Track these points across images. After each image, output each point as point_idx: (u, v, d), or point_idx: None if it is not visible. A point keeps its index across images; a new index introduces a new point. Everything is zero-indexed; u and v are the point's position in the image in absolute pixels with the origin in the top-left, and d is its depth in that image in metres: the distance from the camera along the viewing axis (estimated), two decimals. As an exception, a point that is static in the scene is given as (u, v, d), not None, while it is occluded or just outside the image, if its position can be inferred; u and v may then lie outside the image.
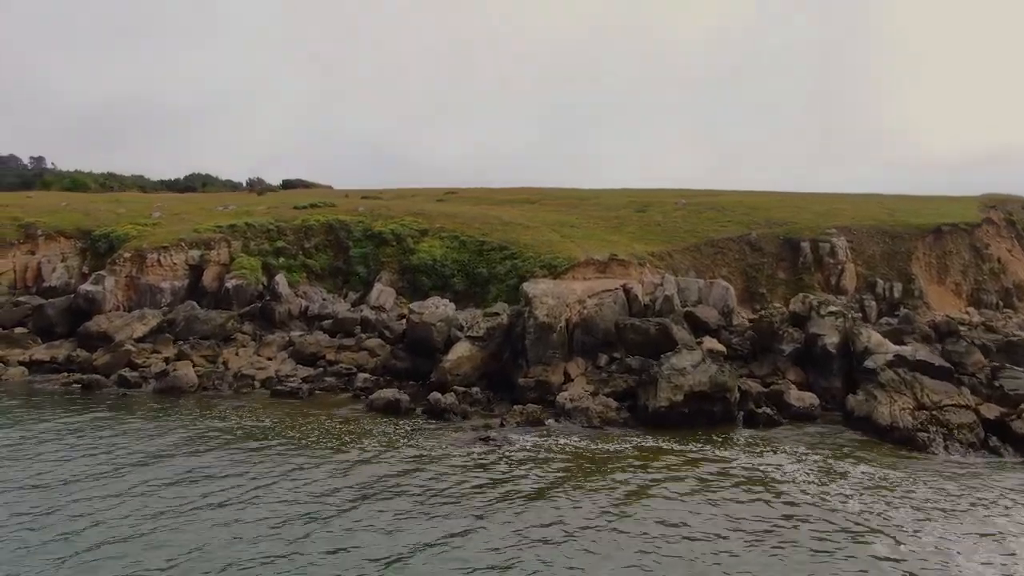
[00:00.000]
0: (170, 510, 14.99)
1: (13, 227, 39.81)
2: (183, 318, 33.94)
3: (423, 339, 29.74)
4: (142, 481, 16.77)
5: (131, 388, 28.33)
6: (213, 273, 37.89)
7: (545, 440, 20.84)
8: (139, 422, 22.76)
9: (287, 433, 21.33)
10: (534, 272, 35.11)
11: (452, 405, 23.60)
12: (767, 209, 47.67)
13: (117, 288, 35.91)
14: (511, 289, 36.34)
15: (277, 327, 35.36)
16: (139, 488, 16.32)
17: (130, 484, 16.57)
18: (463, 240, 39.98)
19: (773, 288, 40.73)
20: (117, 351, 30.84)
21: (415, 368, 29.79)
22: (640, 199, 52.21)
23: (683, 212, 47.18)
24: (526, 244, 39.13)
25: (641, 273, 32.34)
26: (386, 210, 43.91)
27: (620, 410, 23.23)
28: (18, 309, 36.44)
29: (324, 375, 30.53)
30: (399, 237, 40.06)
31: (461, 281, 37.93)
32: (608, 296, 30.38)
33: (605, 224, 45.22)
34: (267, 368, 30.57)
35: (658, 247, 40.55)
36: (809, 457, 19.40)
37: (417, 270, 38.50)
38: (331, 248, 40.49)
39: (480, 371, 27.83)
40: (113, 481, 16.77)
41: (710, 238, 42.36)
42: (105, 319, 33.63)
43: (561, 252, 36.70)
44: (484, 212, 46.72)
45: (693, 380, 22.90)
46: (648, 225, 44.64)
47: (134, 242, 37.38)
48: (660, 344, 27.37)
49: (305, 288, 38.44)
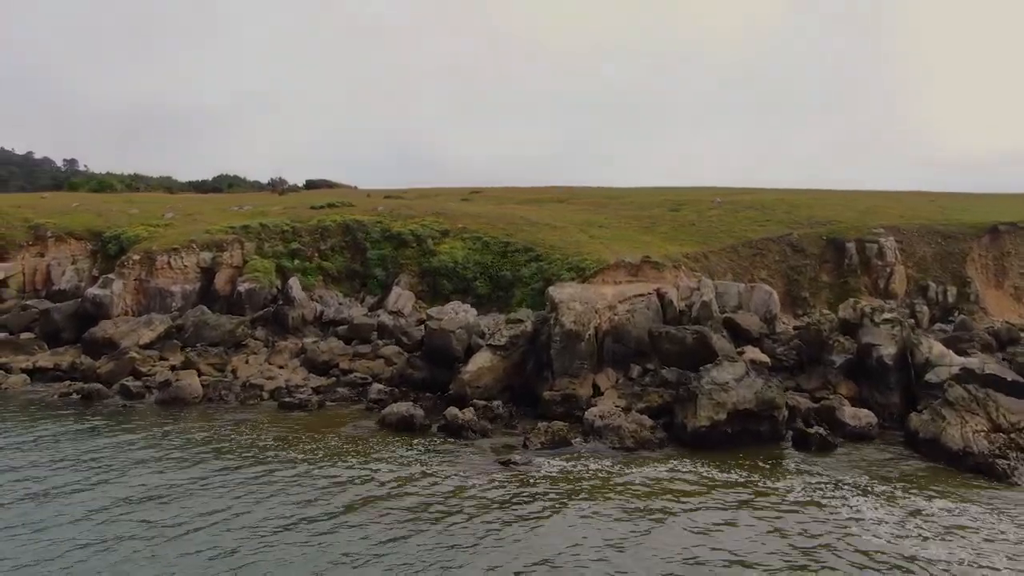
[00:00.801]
0: (129, 538, 13.42)
1: (23, 228, 38.55)
2: (192, 324, 32.35)
3: (442, 348, 27.77)
4: (101, 506, 15.17)
5: (133, 399, 26.74)
6: (225, 276, 36.30)
7: (573, 465, 18.71)
8: (124, 436, 21.01)
9: (285, 454, 19.35)
10: (561, 275, 33.00)
11: (470, 422, 21.56)
12: (808, 207, 45.06)
13: (125, 292, 34.45)
14: (536, 293, 34.26)
15: (290, 333, 33.65)
16: (97, 513, 14.73)
17: (87, 507, 15.05)
18: (486, 241, 37.98)
19: (816, 292, 38.17)
20: (121, 359, 29.28)
21: (433, 378, 27.85)
22: (673, 198, 49.82)
23: (719, 211, 44.72)
24: (552, 245, 37.04)
25: (676, 276, 30.04)
26: (406, 210, 42.03)
27: (655, 429, 20.99)
28: (25, 313, 35.13)
29: (337, 385, 28.74)
30: (419, 238, 38.14)
31: (484, 284, 35.93)
32: (640, 301, 28.17)
33: (636, 224, 42.95)
34: (277, 378, 28.82)
35: (693, 248, 38.20)
36: (874, 488, 17.03)
37: (438, 273, 36.56)
38: (348, 250, 38.69)
39: (502, 383, 25.77)
40: (66, 503, 15.29)
41: (748, 238, 39.90)
42: (111, 325, 32.13)
43: (590, 254, 34.53)
44: (509, 212, 44.69)
45: (737, 396, 20.61)
46: (682, 225, 42.28)
47: (144, 244, 35.91)
48: (698, 354, 25.13)
49: (320, 292, 36.71)
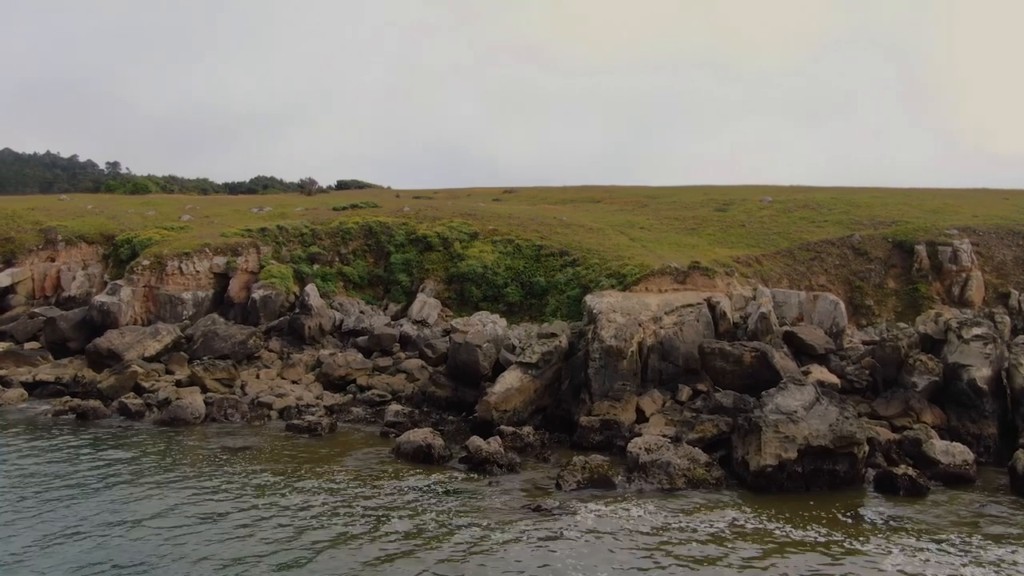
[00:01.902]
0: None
1: (34, 232, 36.82)
2: (201, 334, 30.13)
3: (467, 364, 25.06)
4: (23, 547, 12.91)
5: (132, 417, 24.57)
6: (240, 282, 34.07)
7: (614, 511, 15.81)
8: (99, 463, 18.68)
9: (276, 496, 16.56)
10: (599, 282, 30.04)
11: (495, 455, 18.75)
12: (869, 207, 41.32)
13: (134, 299, 32.39)
14: (572, 301, 31.38)
15: (307, 344, 31.25)
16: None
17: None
18: (518, 244, 35.18)
19: (882, 300, 34.54)
20: (123, 373, 27.16)
21: (457, 397, 25.21)
22: (719, 196, 46.42)
23: (770, 211, 41.27)
24: (589, 249, 34.08)
25: (728, 284, 26.92)
26: (433, 211, 39.41)
27: (711, 466, 17.95)
28: (32, 321, 33.38)
29: (352, 403, 26.30)
30: (446, 241, 35.49)
31: (515, 291, 33.14)
32: (690, 313, 25.14)
33: (680, 225, 39.75)
34: (288, 395, 26.41)
35: (744, 251, 34.89)
36: (988, 552, 13.82)
37: (465, 278, 33.86)
38: (370, 253, 36.20)
39: (533, 405, 22.98)
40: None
41: (804, 241, 36.40)
42: (117, 335, 30.03)
43: (630, 258, 31.49)
44: (542, 212, 41.84)
45: (809, 429, 17.48)
46: (731, 226, 38.94)
47: (154, 248, 33.83)
48: (757, 375, 22.07)
49: (341, 299, 34.28)
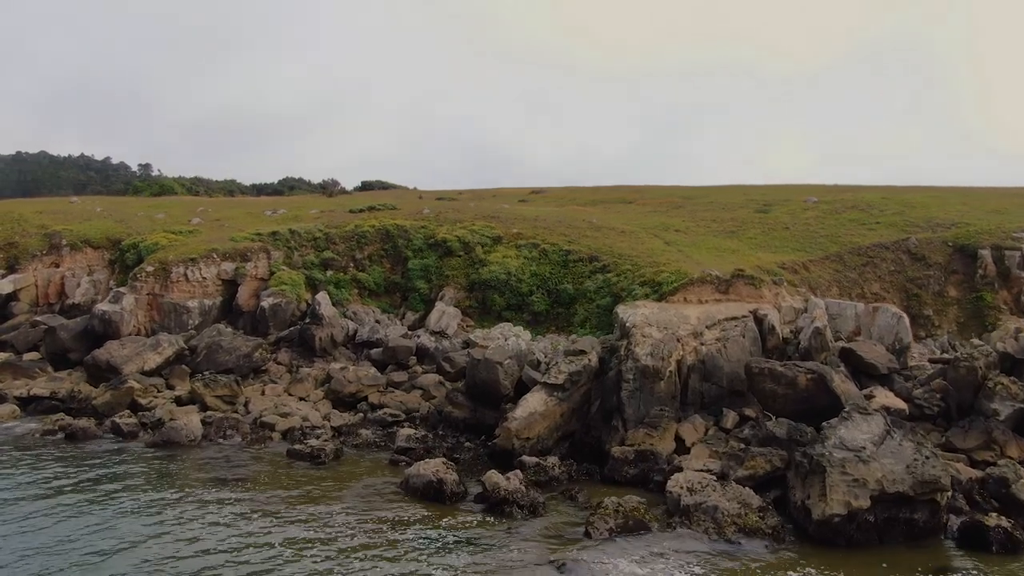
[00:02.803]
0: None
1: (38, 236, 35.29)
2: (205, 346, 28.22)
3: (486, 383, 22.75)
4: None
5: (125, 438, 22.72)
6: (250, 289, 32.15)
7: (652, 570, 13.40)
8: (69, 491, 16.70)
9: (259, 542, 14.42)
10: (632, 291, 27.58)
11: (516, 494, 16.41)
12: (924, 207, 38.27)
13: (137, 308, 30.62)
14: (602, 311, 28.96)
15: (317, 356, 29.21)
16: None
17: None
18: (544, 249, 32.81)
19: (942, 310, 31.59)
20: (119, 389, 25.31)
21: (476, 419, 22.95)
22: (759, 197, 43.60)
23: (816, 212, 38.41)
24: (621, 254, 31.61)
25: (776, 295, 24.30)
26: (454, 213, 37.18)
27: (766, 512, 15.43)
28: (34, 331, 31.75)
29: (363, 424, 24.16)
30: (467, 246, 33.23)
31: (541, 300, 30.78)
32: (734, 327, 22.59)
33: (719, 228, 37.07)
34: (293, 414, 24.32)
35: (788, 256, 32.17)
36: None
37: (487, 286, 31.57)
38: (387, 259, 34.07)
39: (559, 432, 20.61)
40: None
41: (855, 245, 33.55)
42: (117, 346, 28.23)
43: (666, 264, 28.97)
44: (571, 214, 39.43)
45: (882, 471, 14.88)
46: (773, 229, 36.18)
47: (159, 254, 32.05)
48: (814, 400, 19.46)
49: (355, 307, 32.19)
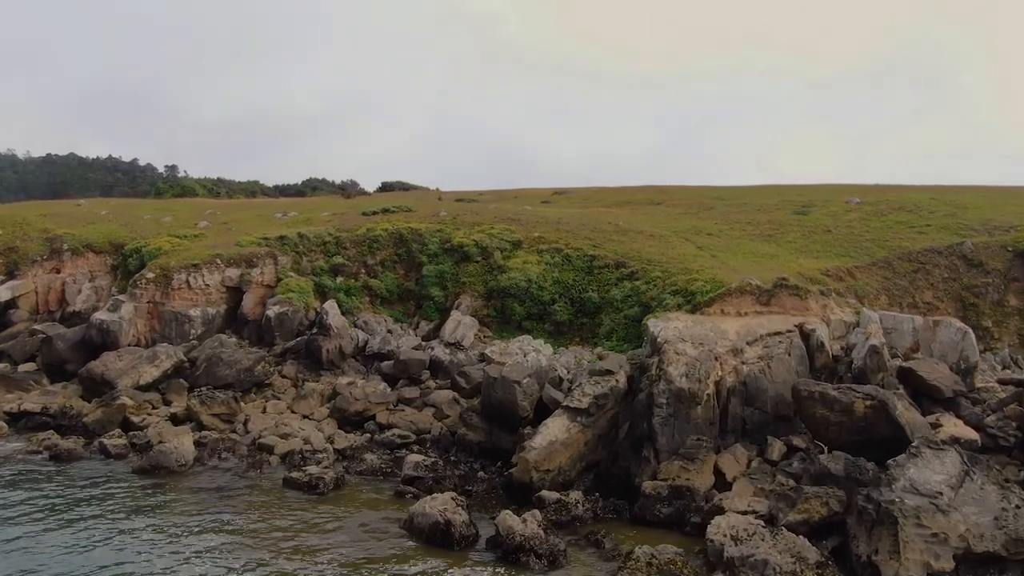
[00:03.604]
0: None
1: (39, 241, 33.85)
2: (205, 359, 26.47)
3: (503, 404, 20.68)
4: None
5: (112, 460, 21.07)
6: (255, 297, 30.40)
7: (695, 645, 11.25)
8: (28, 522, 14.94)
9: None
10: (663, 300, 25.34)
11: (533, 540, 14.30)
12: (978, 208, 35.54)
13: (137, 316, 28.96)
14: (630, 322, 26.77)
15: (325, 369, 27.34)
16: None
17: None
18: (567, 254, 30.64)
19: (1002, 321, 28.98)
20: (110, 405, 23.67)
21: (492, 443, 20.94)
22: (796, 197, 41.05)
23: (859, 214, 35.85)
24: (650, 259, 29.36)
25: (824, 306, 21.94)
26: (472, 216, 35.14)
27: (824, 570, 13.15)
28: (32, 340, 30.21)
29: (369, 447, 22.25)
30: (485, 250, 31.16)
31: (564, 309, 28.64)
32: (778, 343, 20.31)
33: (755, 231, 34.68)
34: (295, 435, 22.46)
35: (832, 263, 29.75)
36: None
37: (506, 294, 29.49)
38: (401, 264, 32.11)
39: (583, 462, 18.48)
40: None
41: (904, 249, 31.01)
42: (114, 358, 26.57)
43: (699, 271, 26.69)
44: (595, 217, 37.23)
45: (965, 524, 12.57)
46: (814, 232, 33.70)
47: (160, 259, 30.39)
48: (873, 429, 17.13)
49: (366, 316, 30.30)
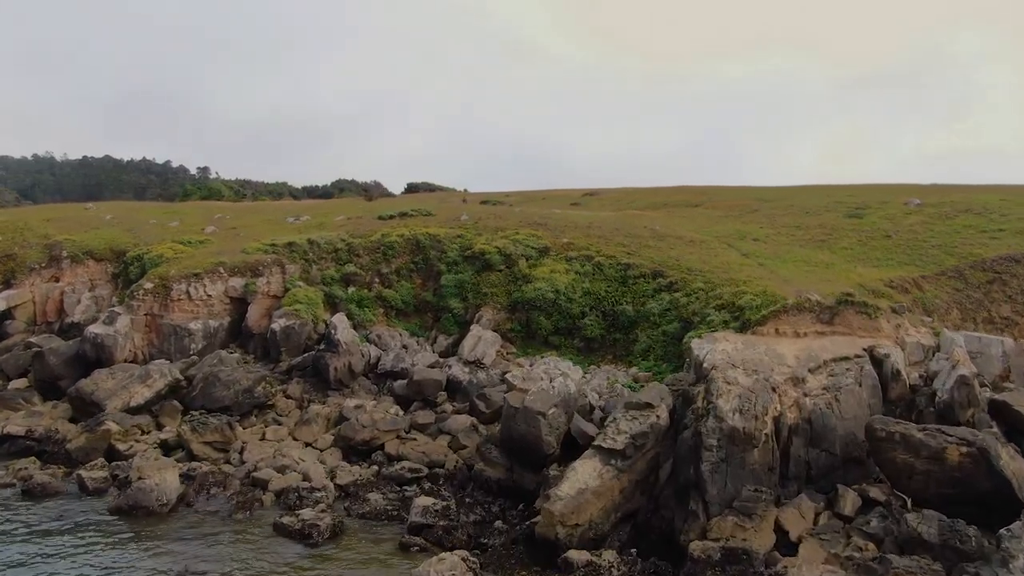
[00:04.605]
0: None
1: (38, 247, 32.00)
2: (202, 378, 24.24)
3: (525, 438, 18.07)
4: None
5: (90, 496, 18.91)
6: (261, 308, 28.16)
7: None
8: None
9: None
10: (707, 315, 22.52)
11: (558, 623, 11.70)
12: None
13: (133, 330, 26.88)
14: (669, 339, 24.00)
15: (332, 388, 24.95)
16: None
17: None
18: (599, 262, 27.91)
19: (1092, 338, 25.62)
20: (95, 431, 21.53)
21: (513, 481, 18.39)
22: (847, 199, 37.75)
23: (921, 217, 32.55)
24: (691, 268, 26.53)
25: (898, 327, 18.98)
26: (496, 219, 32.53)
27: (930, 676, 10.36)
28: (26, 354, 28.27)
29: (375, 482, 19.81)
30: (508, 258, 28.54)
31: (595, 323, 25.94)
32: (846, 371, 17.42)
33: (805, 236, 31.58)
34: (292, 468, 20.06)
35: (895, 272, 26.59)
36: None
37: (532, 306, 26.85)
38: (417, 273, 29.61)
39: (618, 512, 15.77)
40: None
41: (976, 257, 27.69)
42: (106, 375, 24.40)
43: (748, 282, 23.81)
44: (629, 220, 34.43)
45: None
46: (872, 237, 30.51)
47: (161, 268, 28.28)
48: (969, 482, 14.21)
49: (380, 329, 27.87)
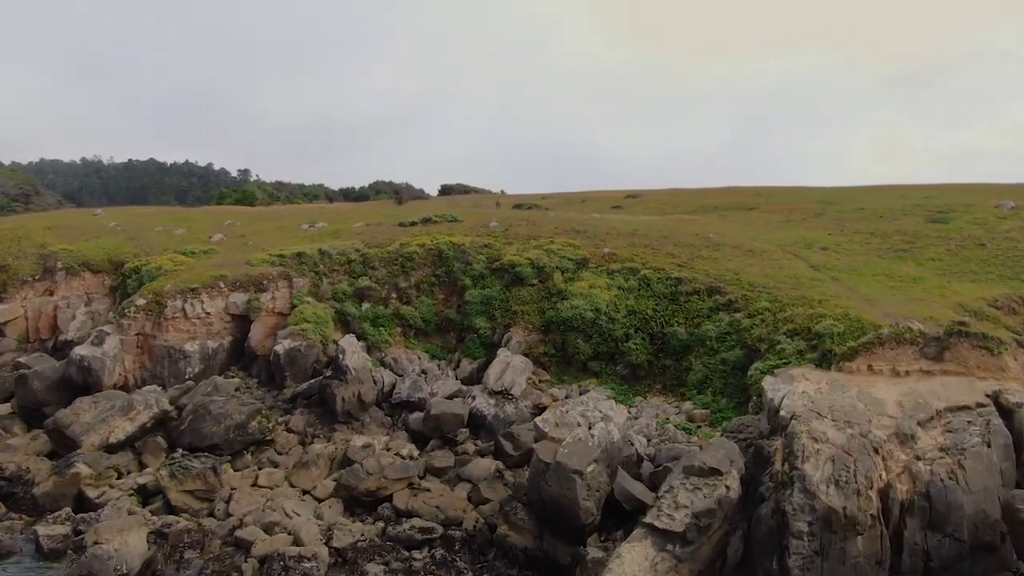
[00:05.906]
0: None
1: (33, 258, 29.52)
2: (191, 409, 21.31)
3: (558, 502, 14.66)
4: None
5: (46, 558, 16.06)
6: (265, 327, 25.22)
7: None
8: None
9: None
10: (777, 344, 18.86)
11: None
12: None
13: (124, 351, 24.15)
14: (731, 369, 20.41)
15: (340, 421, 21.87)
16: None
17: None
18: (645, 276, 24.35)
19: None
20: (64, 474, 18.73)
21: (543, 551, 15.05)
22: (927, 201, 33.59)
23: (1019, 221, 28.39)
24: (753, 283, 22.87)
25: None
26: (528, 226, 29.11)
27: None
28: (11, 376, 25.79)
29: (381, 544, 16.61)
30: (542, 271, 25.15)
31: (640, 348, 22.42)
32: (968, 424, 13.68)
33: (882, 245, 27.62)
34: (283, 524, 16.95)
35: (998, 288, 22.67)
36: None
37: (568, 327, 23.41)
38: (440, 288, 26.37)
39: (678, 613, 12.29)
40: None
41: (1093, 270, 23.65)
42: (89, 404, 21.61)
43: (824, 303, 20.06)
44: (678, 226, 30.79)
45: None
46: (963, 246, 26.48)
47: (157, 282, 25.49)
48: None
49: (397, 352, 24.73)
